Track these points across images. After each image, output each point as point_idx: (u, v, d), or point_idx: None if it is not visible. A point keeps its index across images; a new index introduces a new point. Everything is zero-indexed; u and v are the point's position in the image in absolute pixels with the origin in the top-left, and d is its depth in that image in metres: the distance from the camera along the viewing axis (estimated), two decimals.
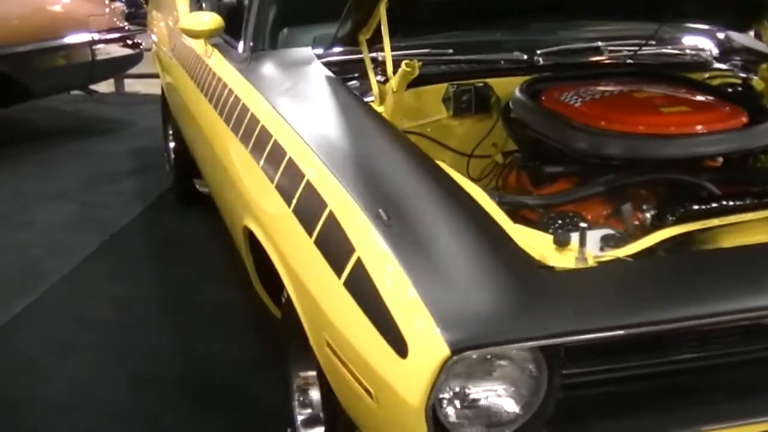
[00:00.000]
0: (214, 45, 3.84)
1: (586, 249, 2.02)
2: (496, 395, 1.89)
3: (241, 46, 3.57)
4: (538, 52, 3.45)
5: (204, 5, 4.74)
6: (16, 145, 7.06)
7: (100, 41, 6.91)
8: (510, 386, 1.89)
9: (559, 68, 3.34)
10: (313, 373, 2.80)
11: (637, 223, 2.58)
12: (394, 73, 2.83)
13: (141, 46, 7.30)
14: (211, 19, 3.76)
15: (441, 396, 1.85)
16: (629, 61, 3.56)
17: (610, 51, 3.61)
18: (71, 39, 6.81)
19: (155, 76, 7.99)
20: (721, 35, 3.90)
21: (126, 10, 7.53)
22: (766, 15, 3.39)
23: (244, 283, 4.05)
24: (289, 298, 2.66)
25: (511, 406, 1.90)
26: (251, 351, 3.81)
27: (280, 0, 3.63)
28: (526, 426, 1.90)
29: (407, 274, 1.92)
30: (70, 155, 6.82)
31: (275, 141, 2.71)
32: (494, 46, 3.51)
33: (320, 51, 3.33)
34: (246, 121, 3.01)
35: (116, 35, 7.07)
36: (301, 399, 2.90)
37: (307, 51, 3.34)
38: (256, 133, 2.88)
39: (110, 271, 4.71)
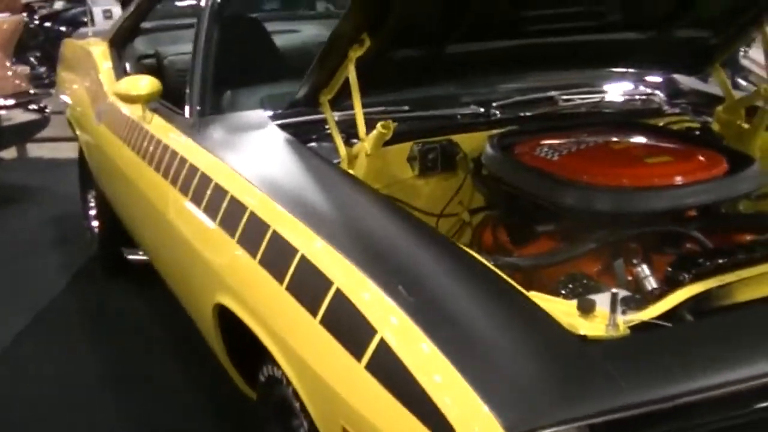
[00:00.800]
0: (153, 110, 3.67)
1: (617, 315, 1.92)
2: None
3: (187, 110, 3.40)
4: (494, 104, 3.38)
5: (128, 68, 4.59)
6: None
7: (4, 107, 6.61)
8: None
9: (525, 121, 3.27)
10: None
11: (630, 278, 2.52)
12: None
13: (47, 111, 7.01)
14: (148, 83, 3.61)
15: None
16: (584, 110, 3.52)
17: (564, 100, 3.56)
18: None
19: (61, 139, 7.82)
20: (656, 79, 3.88)
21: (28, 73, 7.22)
22: (718, 59, 3.40)
23: (194, 358, 3.95)
24: (271, 379, 2.53)
25: None
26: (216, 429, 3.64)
27: (223, 62, 3.49)
28: None
29: (442, 352, 1.80)
30: None
31: (252, 213, 2.56)
32: (449, 101, 3.43)
33: (272, 113, 3.19)
34: (209, 191, 2.85)
35: (23, 100, 6.77)
36: None
37: (260, 113, 3.21)
38: (225, 204, 2.72)
39: (46, 349, 4.45)
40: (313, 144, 3.02)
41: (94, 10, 11.34)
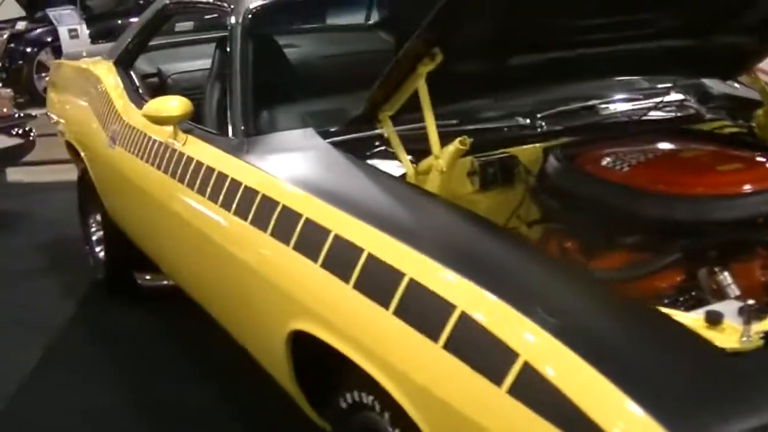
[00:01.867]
0: (186, 131, 3.58)
1: (750, 326, 1.90)
2: None
3: (230, 131, 3.31)
4: (539, 115, 3.34)
5: (141, 89, 4.49)
6: None
7: None
8: None
9: (575, 132, 3.23)
10: None
11: (714, 287, 2.49)
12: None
13: (32, 134, 6.84)
14: (179, 104, 3.53)
15: None
16: (625, 119, 3.49)
17: (603, 109, 3.54)
18: None
19: (42, 163, 7.67)
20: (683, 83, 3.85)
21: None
22: (754, 63, 3.40)
23: (219, 381, 4.06)
24: (355, 405, 2.46)
25: None
26: None
27: (259, 81, 3.42)
28: None
29: (597, 369, 1.76)
30: None
31: (336, 236, 2.48)
32: (489, 113, 3.39)
33: (321, 131, 3.13)
34: (277, 214, 2.76)
35: (9, 124, 6.61)
36: None
37: (309, 132, 3.14)
38: (300, 227, 2.64)
39: (66, 381, 4.31)
40: (372, 161, 2.96)
41: (61, 30, 11.18)
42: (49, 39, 11.95)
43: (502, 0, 2.56)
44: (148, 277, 4.84)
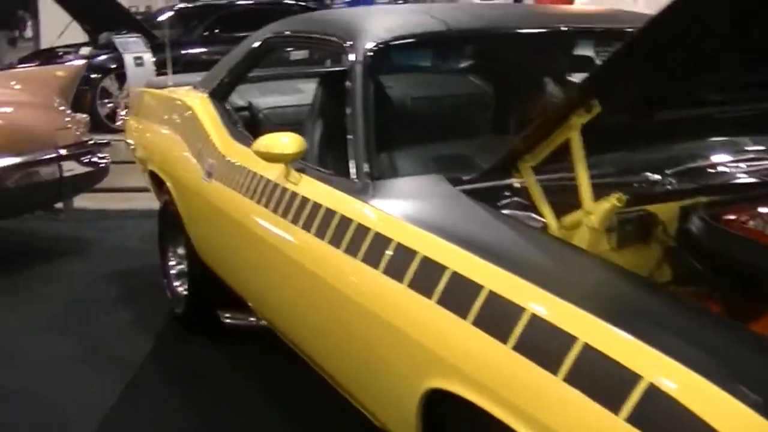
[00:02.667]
0: (299, 170, 3.49)
1: None
2: None
3: (352, 172, 3.21)
4: (668, 171, 3.24)
5: (238, 124, 4.42)
6: None
7: (67, 157, 6.38)
8: None
9: (714, 190, 3.12)
10: None
11: None
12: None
13: (105, 161, 6.78)
14: (291, 141, 3.44)
15: None
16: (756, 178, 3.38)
17: (732, 167, 3.45)
18: (38, 155, 6.27)
19: (108, 190, 7.60)
20: None
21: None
22: None
23: (300, 423, 4.03)
24: None
25: None
26: None
27: (379, 121, 3.33)
28: None
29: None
30: (42, 280, 6.12)
31: (491, 293, 2.37)
32: (619, 167, 3.28)
33: (450, 177, 3.04)
34: (416, 265, 2.65)
35: (84, 150, 6.55)
36: None
37: (438, 179, 3.04)
38: (445, 280, 2.52)
39: (151, 423, 4.18)
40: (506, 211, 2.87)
41: (126, 57, 11.19)
42: (114, 66, 11.98)
43: (671, 58, 2.45)
44: (227, 315, 4.75)
